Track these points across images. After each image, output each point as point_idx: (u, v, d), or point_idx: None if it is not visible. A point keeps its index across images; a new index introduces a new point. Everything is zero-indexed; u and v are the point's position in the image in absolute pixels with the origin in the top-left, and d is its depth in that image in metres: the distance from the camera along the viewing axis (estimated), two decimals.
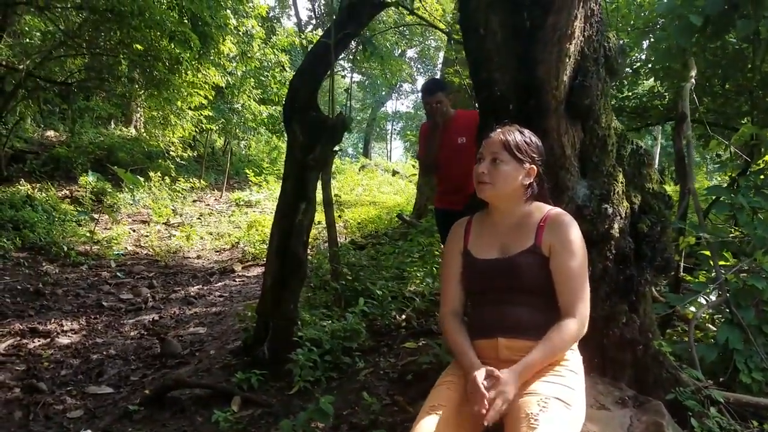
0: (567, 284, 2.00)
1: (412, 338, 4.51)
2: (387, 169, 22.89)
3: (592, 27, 2.19)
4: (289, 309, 4.02)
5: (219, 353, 4.82)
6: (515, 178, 2.06)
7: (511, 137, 2.05)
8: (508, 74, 2.20)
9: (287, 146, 4.21)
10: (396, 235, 9.15)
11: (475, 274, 2.15)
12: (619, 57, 2.29)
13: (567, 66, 2.14)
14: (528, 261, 2.05)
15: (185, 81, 11.33)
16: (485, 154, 2.08)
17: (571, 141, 2.26)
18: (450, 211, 4.48)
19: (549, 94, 2.15)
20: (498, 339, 2.05)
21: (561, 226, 2.04)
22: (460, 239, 2.23)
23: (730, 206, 3.18)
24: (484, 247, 2.15)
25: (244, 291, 7.56)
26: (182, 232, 11.15)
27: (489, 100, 2.27)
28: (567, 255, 2.01)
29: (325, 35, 4.19)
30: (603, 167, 2.32)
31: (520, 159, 2.05)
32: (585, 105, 2.20)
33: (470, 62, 2.35)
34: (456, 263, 2.21)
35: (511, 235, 2.12)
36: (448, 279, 2.22)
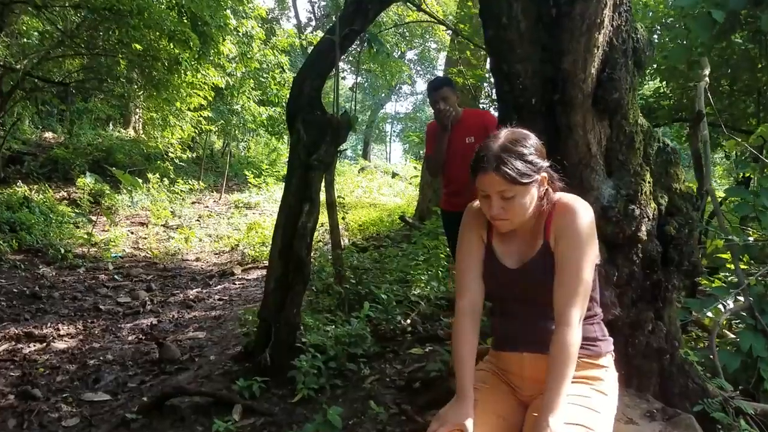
0: (562, 279, 1.77)
1: (419, 344, 4.39)
2: (386, 171, 22.81)
3: (621, 16, 2.06)
4: (292, 313, 3.88)
5: (219, 359, 4.69)
6: (532, 200, 1.81)
7: (510, 168, 1.74)
8: (531, 66, 2.06)
9: (290, 146, 4.08)
10: (398, 238, 9.03)
11: (495, 280, 1.96)
12: (647, 49, 2.17)
13: (595, 57, 2.01)
14: (541, 265, 1.85)
15: (184, 81, 11.23)
16: (491, 193, 1.80)
17: (597, 138, 2.13)
18: (457, 213, 4.35)
19: (576, 87, 2.02)
20: (524, 353, 1.91)
21: (566, 212, 1.81)
22: (480, 225, 1.97)
23: (752, 208, 3.05)
24: (505, 251, 1.96)
25: (244, 294, 7.43)
26: (181, 234, 11.03)
27: (511, 94, 2.14)
28: (566, 243, 1.79)
29: (330, 31, 4.06)
30: (630, 166, 2.19)
31: (531, 182, 1.78)
32: (614, 99, 2.06)
33: (491, 53, 2.22)
34: (477, 251, 1.96)
35: (526, 240, 1.93)
36: (467, 267, 1.96)
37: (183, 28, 9.48)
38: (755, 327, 2.93)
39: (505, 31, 2.04)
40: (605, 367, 1.90)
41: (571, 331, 1.74)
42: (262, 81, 15.03)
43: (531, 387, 1.91)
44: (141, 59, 10.44)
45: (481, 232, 1.99)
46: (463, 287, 1.98)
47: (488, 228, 1.99)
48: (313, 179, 3.90)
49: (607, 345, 1.93)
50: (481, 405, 1.86)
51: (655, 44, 2.25)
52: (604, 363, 1.90)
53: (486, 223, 2.00)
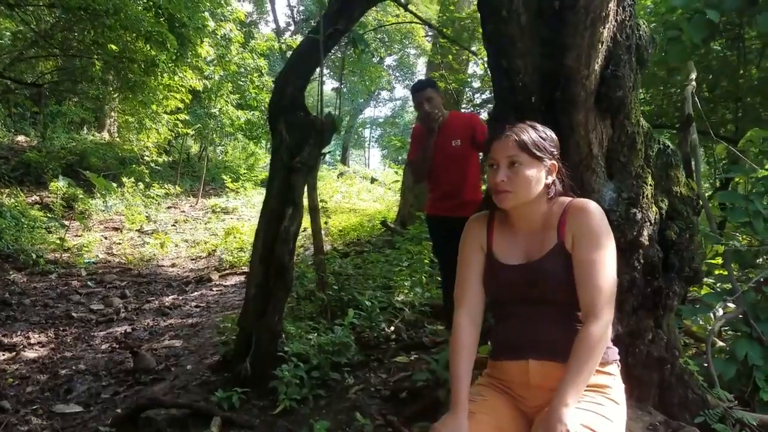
0: (587, 279, 1.74)
1: (404, 352, 4.28)
2: (365, 177, 22.70)
3: (625, 11, 1.98)
4: (273, 321, 3.75)
5: (196, 368, 4.53)
6: (538, 180, 1.82)
7: (525, 135, 1.80)
8: (532, 62, 1.97)
9: (272, 148, 3.95)
10: (379, 243, 8.92)
11: (498, 282, 1.90)
12: (649, 46, 2.09)
13: (599, 53, 1.92)
14: (554, 264, 1.80)
15: (161, 84, 11.05)
16: (499, 159, 1.82)
17: (599, 138, 2.04)
18: (443, 218, 4.26)
19: (578, 85, 1.92)
20: (529, 361, 1.81)
21: (583, 213, 1.80)
22: (481, 234, 1.96)
23: (745, 213, 2.99)
24: (507, 251, 1.90)
25: (221, 301, 7.25)
26: (156, 239, 10.79)
27: (510, 91, 2.04)
28: (588, 244, 1.76)
29: (313, 31, 3.95)
30: (631, 168, 2.10)
31: (540, 157, 1.81)
32: (617, 97, 1.98)
33: (489, 49, 2.11)
34: (477, 260, 1.94)
35: (534, 238, 1.87)
36: (467, 276, 1.94)
37: (160, 29, 9.29)
38: (750, 335, 2.87)
39: (505, 25, 1.94)
40: (613, 375, 1.82)
41: (600, 326, 1.70)
42: (241, 84, 14.84)
43: (537, 396, 1.81)
44: (117, 60, 10.21)
45: (481, 242, 1.97)
46: (462, 297, 1.95)
47: (488, 235, 1.96)
48: (296, 182, 3.78)
49: (614, 353, 1.85)
50: (476, 417, 1.79)
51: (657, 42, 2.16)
52: (612, 371, 1.83)
53: (485, 231, 1.97)
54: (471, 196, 4.20)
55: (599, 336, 1.69)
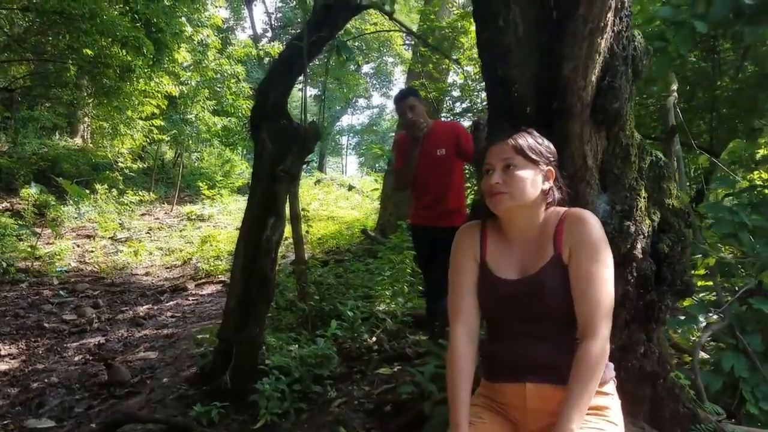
0: (585, 293, 1.69)
1: (386, 363, 4.21)
2: (343, 184, 22.58)
3: (622, 21, 1.95)
4: (254, 333, 3.66)
5: (173, 381, 4.41)
6: (534, 183, 1.77)
7: (521, 139, 1.79)
8: (528, 72, 1.93)
9: (255, 156, 3.88)
10: (359, 252, 8.85)
11: (492, 296, 1.83)
12: (644, 57, 2.07)
13: (597, 64, 1.89)
14: (552, 278, 1.74)
15: (137, 89, 10.88)
16: (495, 163, 1.79)
17: (593, 150, 2.01)
18: (427, 227, 4.23)
19: (575, 96, 1.89)
20: (526, 384, 1.75)
21: (581, 223, 1.74)
22: (474, 244, 1.89)
23: (732, 225, 2.99)
24: (502, 264, 1.84)
25: (197, 311, 7.11)
26: (130, 247, 10.59)
27: (505, 101, 2.00)
28: (586, 256, 1.71)
29: (297, 38, 3.89)
30: (625, 180, 2.08)
31: (536, 161, 1.78)
32: (613, 109, 1.95)
33: (485, 58, 2.07)
34: (470, 271, 1.87)
35: (530, 250, 1.81)
36: (461, 288, 1.87)
37: (137, 34, 9.15)
38: (736, 347, 2.86)
39: (502, 34, 1.91)
40: (610, 394, 1.77)
41: (599, 343, 1.65)
42: (218, 90, 14.69)
43: (535, 420, 1.75)
44: (92, 66, 10.05)
45: (474, 252, 1.90)
46: (457, 312, 1.87)
47: (481, 245, 1.89)
48: (278, 191, 3.71)
49: (610, 370, 1.81)
50: None
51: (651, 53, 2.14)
52: (609, 390, 1.78)
53: (478, 241, 1.90)
54: (455, 205, 4.18)
55: (599, 354, 1.64)
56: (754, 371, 2.78)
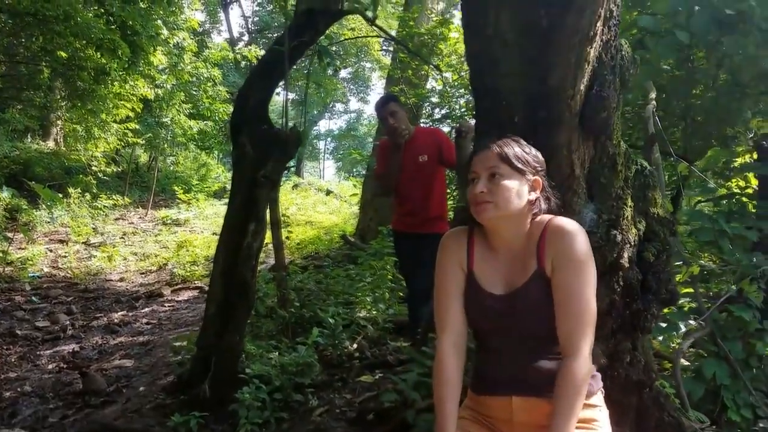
0: (567, 308, 1.65)
1: (368, 370, 4.18)
2: (321, 189, 22.54)
3: (610, 30, 1.95)
4: (234, 341, 3.60)
5: (149, 390, 4.32)
6: (519, 194, 1.72)
7: (507, 148, 1.74)
8: (516, 81, 1.91)
9: (234, 161, 3.82)
10: (338, 257, 8.80)
11: (479, 309, 1.79)
12: (631, 67, 2.08)
13: (585, 73, 1.88)
14: (536, 293, 1.70)
15: (111, 92, 10.72)
16: (480, 172, 1.74)
17: (581, 159, 2.00)
18: (409, 233, 4.22)
19: (563, 105, 1.88)
20: (512, 398, 1.72)
21: (563, 234, 1.69)
22: (460, 251, 1.84)
23: (712, 233, 3.02)
24: (489, 276, 1.79)
25: (174, 317, 7.00)
26: (104, 252, 10.41)
27: (492, 110, 1.98)
28: (567, 269, 1.66)
29: (278, 42, 3.85)
30: (612, 189, 2.07)
31: (522, 170, 1.73)
32: (601, 118, 1.94)
33: (472, 66, 2.06)
34: (457, 280, 1.82)
35: (515, 263, 1.77)
36: (447, 298, 1.81)
37: (112, 37, 9.02)
38: (717, 354, 2.89)
39: (490, 43, 1.89)
40: (598, 406, 1.76)
41: (582, 362, 1.61)
42: (194, 94, 14.55)
43: None
44: (66, 68, 9.88)
45: (461, 259, 1.84)
46: (444, 321, 1.82)
47: (468, 253, 1.84)
48: (259, 197, 3.66)
49: (597, 382, 1.79)
50: None
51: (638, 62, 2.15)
52: (597, 402, 1.76)
53: (465, 249, 1.85)
54: (437, 211, 4.18)
55: (582, 373, 1.61)
56: (735, 378, 2.81)
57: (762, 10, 2.79)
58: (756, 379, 2.91)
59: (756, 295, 2.80)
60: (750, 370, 2.92)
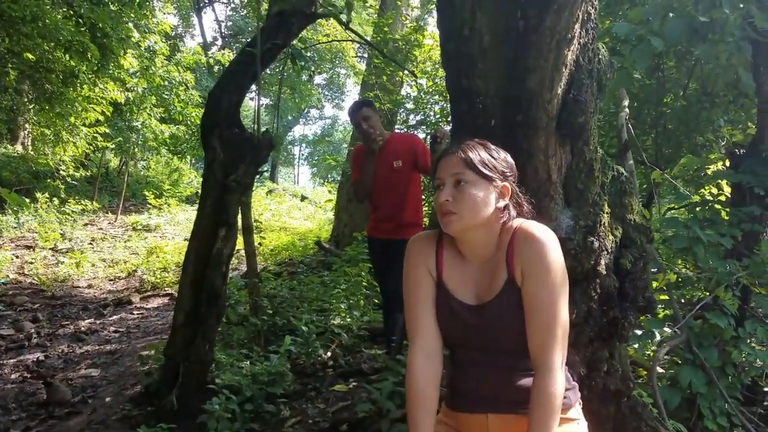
0: (537, 320, 1.56)
1: (342, 379, 4.11)
2: (295, 194, 22.39)
3: (588, 33, 1.92)
4: (203, 350, 3.51)
5: (116, 401, 4.19)
6: (486, 202, 1.62)
7: (473, 153, 1.64)
8: (493, 84, 1.87)
9: (205, 165, 3.73)
10: (313, 264, 8.71)
11: (451, 320, 1.70)
12: (608, 71, 2.05)
13: (563, 76, 1.84)
14: (507, 304, 1.62)
15: (81, 95, 10.48)
16: (445, 178, 1.65)
17: (558, 164, 1.96)
18: (384, 240, 4.16)
19: (540, 109, 1.84)
20: (488, 416, 1.66)
21: (529, 242, 1.60)
22: (428, 257, 1.74)
23: (687, 240, 3.01)
24: (459, 285, 1.71)
25: (143, 326, 6.84)
26: (71, 258, 10.15)
27: (469, 113, 1.93)
28: (535, 278, 1.57)
29: (251, 44, 3.78)
30: (589, 195, 2.03)
31: (489, 177, 1.64)
32: (578, 123, 1.90)
33: (448, 68, 2.00)
34: (427, 286, 1.72)
35: (485, 273, 1.68)
36: (418, 305, 1.71)
37: (81, 39, 8.82)
38: (693, 362, 2.87)
39: (467, 45, 1.84)
40: (576, 419, 1.70)
41: (554, 377, 1.54)
42: (165, 98, 14.33)
43: None
44: (33, 70, 9.62)
45: (429, 266, 1.75)
46: (416, 329, 1.72)
47: (437, 260, 1.75)
48: (230, 202, 3.57)
49: (575, 393, 1.74)
50: None
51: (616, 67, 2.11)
52: (574, 415, 1.71)
53: (434, 255, 1.76)
54: (412, 218, 4.13)
55: (555, 388, 1.54)
56: (711, 386, 2.79)
57: (735, 19, 2.79)
58: (731, 386, 2.91)
59: (731, 302, 2.80)
60: (726, 377, 2.91)
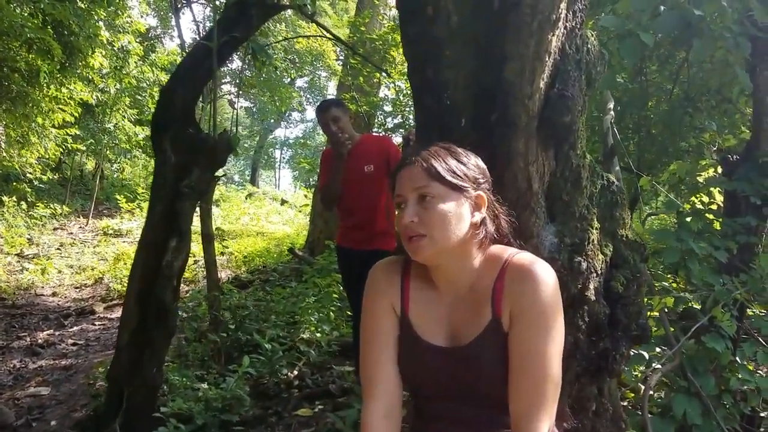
0: (523, 375, 1.29)
1: (307, 402, 3.80)
2: (275, 198, 22.08)
3: (576, 17, 1.62)
4: (150, 374, 3.17)
5: (62, 424, 3.86)
6: (459, 217, 1.34)
7: (436, 161, 1.35)
8: (463, 74, 1.55)
9: (155, 168, 3.41)
10: (287, 271, 8.37)
11: (417, 365, 1.41)
12: (597, 63, 1.76)
13: (545, 67, 1.54)
14: (489, 350, 1.33)
15: (47, 95, 10.07)
16: (406, 195, 1.36)
17: (540, 172, 1.64)
18: (354, 250, 3.86)
19: (519, 105, 1.52)
20: None
21: (525, 281, 1.31)
22: (392, 291, 1.46)
23: (680, 254, 2.74)
24: (429, 324, 1.42)
25: (103, 338, 6.46)
26: (37, 264, 9.74)
27: (435, 110, 1.61)
28: (528, 325, 1.29)
29: (206, 37, 3.46)
30: (575, 208, 1.72)
31: (460, 187, 1.35)
32: (564, 123, 1.59)
33: (410, 55, 1.68)
34: (388, 326, 1.43)
35: (463, 308, 1.39)
36: (375, 351, 1.43)
37: (43, 36, 8.43)
38: (688, 389, 2.60)
39: (431, 26, 1.53)
40: None
41: None
42: (140, 99, 13.94)
43: None
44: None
45: (393, 300, 1.45)
46: (372, 383, 1.42)
47: (402, 293, 1.45)
48: (182, 209, 3.24)
49: None
50: None
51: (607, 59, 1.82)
52: None
53: (399, 287, 1.46)
54: (384, 227, 3.82)
55: None
56: (707, 417, 2.52)
57: (733, 13, 2.54)
58: (730, 417, 2.64)
59: (729, 324, 2.53)
60: (723, 407, 2.64)
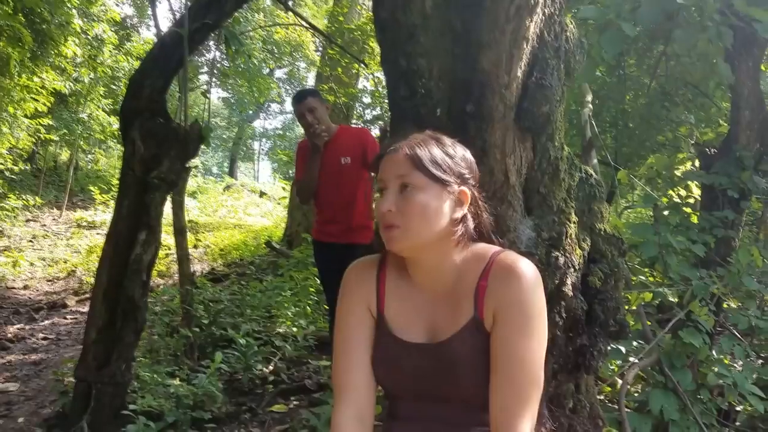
0: (505, 376, 1.24)
1: (282, 398, 3.73)
2: (254, 190, 21.91)
3: (555, 2, 1.56)
4: (119, 371, 3.08)
5: (29, 422, 3.75)
6: (439, 212, 1.28)
7: (421, 150, 1.29)
8: (438, 62, 1.48)
9: (123, 159, 3.30)
10: (264, 264, 8.28)
11: (391, 364, 1.35)
12: (576, 52, 1.70)
13: (523, 54, 1.48)
14: (468, 347, 1.28)
15: (18, 84, 9.85)
16: (388, 182, 1.31)
17: (517, 164, 1.59)
18: (330, 244, 3.79)
19: (496, 95, 1.46)
20: None
21: (510, 280, 1.26)
22: (368, 290, 1.40)
23: (657, 248, 2.72)
24: (405, 321, 1.36)
25: (75, 332, 6.32)
26: (8, 257, 9.54)
27: (409, 100, 1.54)
28: (512, 325, 1.24)
29: (178, 23, 3.36)
30: (553, 201, 1.67)
31: (443, 180, 1.29)
32: (542, 114, 1.53)
33: (383, 42, 1.62)
34: (363, 328, 1.38)
35: (442, 304, 1.33)
36: (348, 353, 1.37)
37: (13, 23, 8.21)
38: (665, 385, 2.58)
39: (405, 12, 1.46)
40: None
41: None
42: (114, 88, 13.69)
43: None
44: None
45: (369, 300, 1.40)
46: (343, 386, 1.36)
47: (378, 290, 1.40)
48: (152, 201, 3.15)
49: None
50: None
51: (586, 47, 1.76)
52: None
53: (374, 285, 1.41)
54: (361, 220, 3.75)
55: None
56: (684, 412, 2.50)
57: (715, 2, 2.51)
58: (707, 412, 2.62)
59: (706, 318, 2.51)
60: (700, 402, 2.62)
